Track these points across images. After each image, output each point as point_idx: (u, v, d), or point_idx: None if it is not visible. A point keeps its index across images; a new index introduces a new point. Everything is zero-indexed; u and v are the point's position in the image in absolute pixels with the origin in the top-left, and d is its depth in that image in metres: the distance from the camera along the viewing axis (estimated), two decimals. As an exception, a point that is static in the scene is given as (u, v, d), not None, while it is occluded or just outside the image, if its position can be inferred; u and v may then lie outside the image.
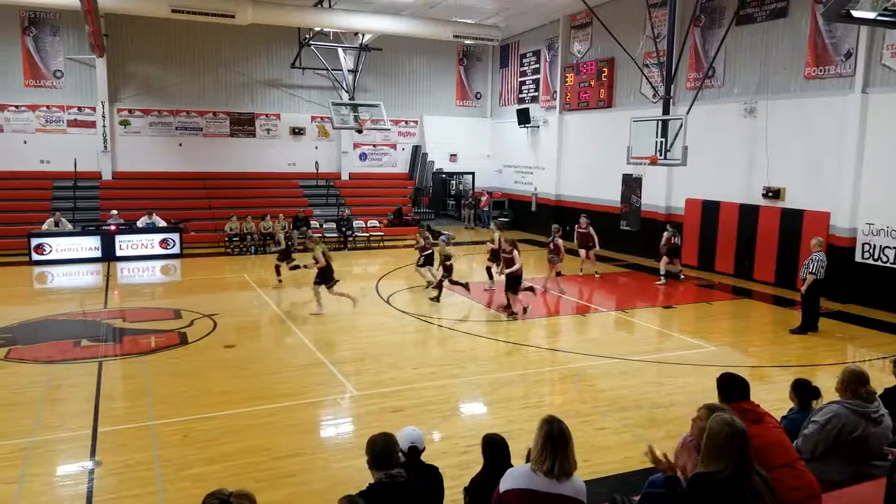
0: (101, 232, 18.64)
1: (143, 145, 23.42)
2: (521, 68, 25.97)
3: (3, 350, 10.22)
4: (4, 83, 21.63)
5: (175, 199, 22.05)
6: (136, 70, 23.30)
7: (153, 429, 7.47)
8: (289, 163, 25.41)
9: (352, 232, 21.87)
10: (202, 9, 18.77)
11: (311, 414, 8.22)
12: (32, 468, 6.60)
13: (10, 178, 21.27)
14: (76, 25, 21.16)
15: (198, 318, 12.38)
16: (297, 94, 25.41)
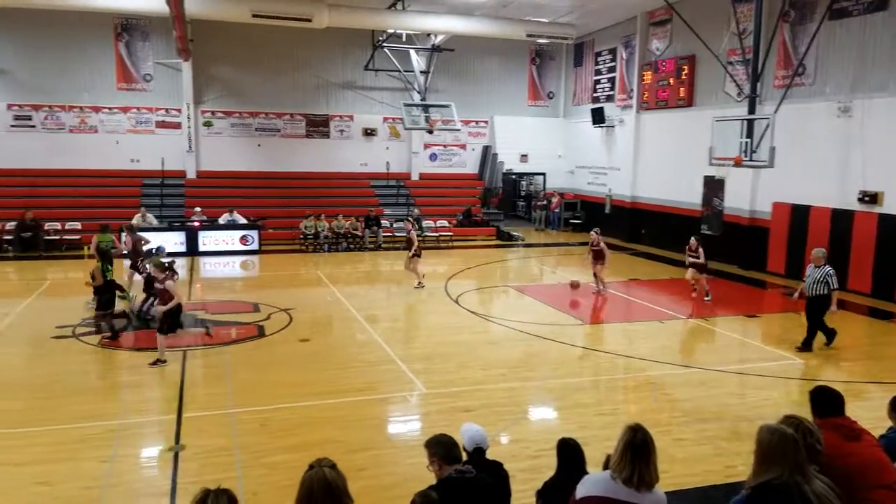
0: (186, 228, 19.58)
1: (225, 145, 24.39)
2: (596, 67, 25.58)
3: (97, 337, 10.88)
4: (99, 86, 22.97)
5: (254, 198, 22.86)
6: (219, 73, 24.29)
7: (233, 416, 7.79)
8: (361, 163, 25.89)
9: (421, 231, 22.08)
10: (281, 13, 19.40)
11: (381, 409, 8.37)
12: (122, 449, 7.01)
13: (104, 175, 22.57)
14: (164, 31, 22.27)
15: (275, 312, 12.80)
16: (369, 96, 25.87)
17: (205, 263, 18.51)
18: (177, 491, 6.11)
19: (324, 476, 3.10)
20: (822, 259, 10.64)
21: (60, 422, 7.58)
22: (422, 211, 23.30)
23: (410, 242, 15.54)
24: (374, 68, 24.84)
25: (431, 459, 4.11)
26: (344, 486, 3.14)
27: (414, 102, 24.59)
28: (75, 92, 22.73)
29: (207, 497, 2.99)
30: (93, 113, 23.03)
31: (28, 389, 8.68)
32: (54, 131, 22.70)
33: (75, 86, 22.71)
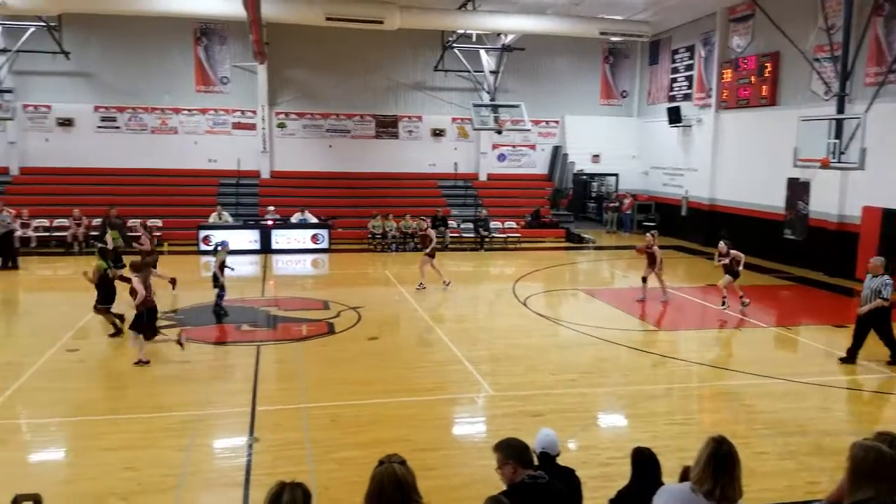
0: (260, 226, 20.27)
1: (298, 146, 25.07)
2: (673, 65, 24.95)
3: (176, 330, 11.38)
4: (179, 89, 24.03)
5: (325, 198, 23.41)
6: (293, 76, 25.00)
7: (305, 411, 8.02)
8: (429, 163, 26.11)
9: (489, 233, 22.10)
10: (354, 16, 19.80)
11: (449, 410, 8.44)
12: (198, 439, 7.32)
13: (183, 175, 23.61)
14: (241, 35, 23.07)
15: (344, 309, 13.09)
16: (438, 97, 26.06)
17: (277, 261, 19.09)
18: (250, 482, 6.34)
19: (394, 472, 3.16)
20: (880, 268, 10.00)
21: (143, 410, 7.99)
22: (489, 212, 23.29)
23: (427, 240, 15.43)
24: (444, 69, 25.01)
25: (503, 462, 4.11)
26: (413, 483, 3.19)
27: (483, 103, 24.62)
28: (157, 94, 23.85)
29: (283, 490, 3.09)
30: (173, 114, 24.11)
31: (113, 379, 9.19)
32: (137, 132, 23.89)
33: (157, 88, 23.82)
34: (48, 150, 23.07)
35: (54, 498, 4.41)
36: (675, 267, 18.74)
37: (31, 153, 23.06)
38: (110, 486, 6.20)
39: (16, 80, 22.36)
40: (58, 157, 22.98)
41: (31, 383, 8.88)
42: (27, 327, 11.92)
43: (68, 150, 23.05)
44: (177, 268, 17.78)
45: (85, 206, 20.20)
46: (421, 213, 22.00)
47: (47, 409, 8.15)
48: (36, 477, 6.58)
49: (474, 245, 21.83)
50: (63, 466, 6.89)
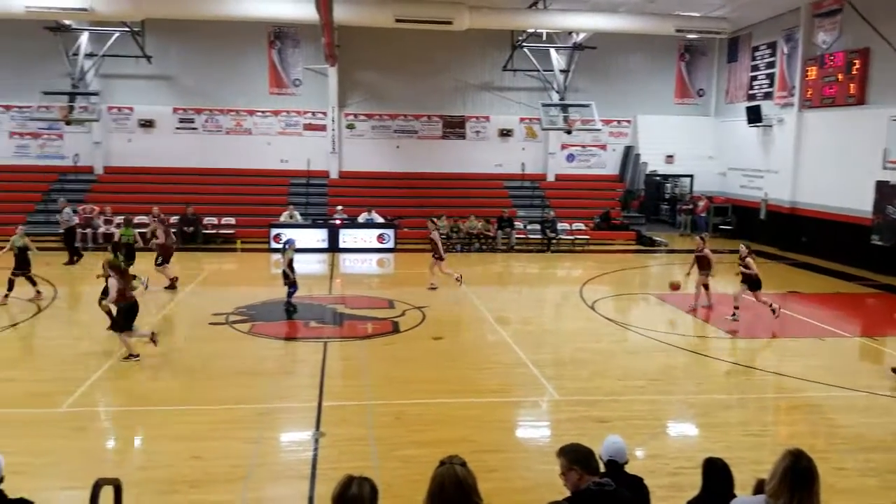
0: (328, 225, 20.73)
1: (366, 147, 25.49)
2: (753, 62, 24.06)
3: (248, 325, 11.80)
4: (253, 91, 24.84)
5: (391, 197, 23.71)
6: (362, 77, 25.44)
7: (370, 408, 8.14)
8: (495, 164, 26.05)
9: (556, 234, 21.87)
10: (423, 17, 19.99)
11: (513, 413, 8.40)
12: (267, 431, 7.55)
13: (256, 174, 24.39)
14: (313, 38, 23.63)
15: (409, 309, 13.22)
16: (506, 97, 25.98)
17: (344, 260, 19.46)
18: (316, 476, 6.48)
19: (455, 473, 3.17)
20: None
21: (214, 402, 8.30)
22: (557, 213, 23.05)
23: (434, 244, 15.27)
24: (513, 68, 24.92)
25: (568, 468, 4.04)
26: (474, 485, 3.19)
27: (552, 102, 24.40)
28: (232, 96, 24.72)
29: (351, 483, 3.14)
30: (247, 116, 24.94)
31: (187, 370, 9.57)
32: (213, 133, 24.83)
33: (233, 91, 24.69)
34: (130, 150, 24.27)
35: (129, 483, 4.63)
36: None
37: (114, 153, 24.32)
38: (181, 474, 6.45)
39: (101, 83, 23.62)
40: (139, 156, 24.15)
41: (109, 373, 9.36)
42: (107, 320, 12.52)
43: (149, 150, 24.18)
44: (249, 265, 18.50)
45: (163, 203, 21.05)
46: (487, 214, 22.07)
47: (123, 398, 8.59)
48: (112, 462, 6.93)
49: (541, 247, 21.65)
50: (137, 453, 7.24)
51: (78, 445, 7.15)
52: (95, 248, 19.86)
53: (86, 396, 8.50)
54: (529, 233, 22.47)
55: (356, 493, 3.09)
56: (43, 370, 9.43)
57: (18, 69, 23.33)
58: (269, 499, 6.30)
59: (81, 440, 7.30)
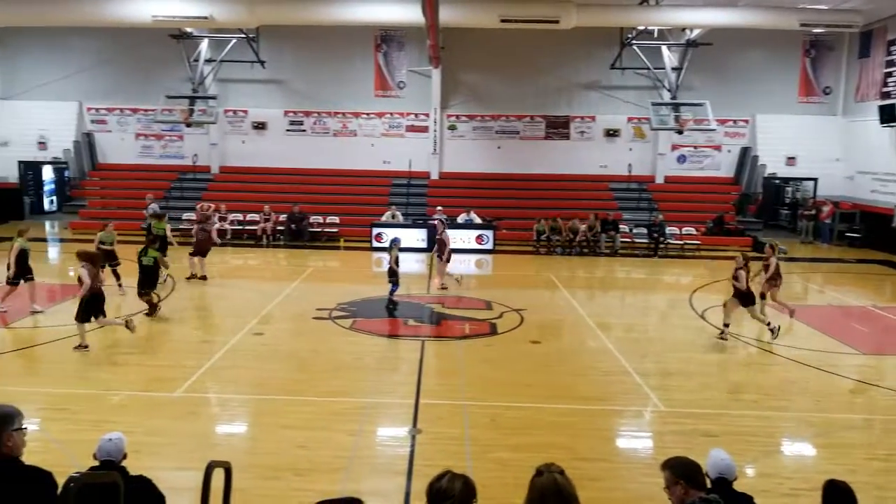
0: (428, 225, 21.05)
1: (467, 148, 25.73)
2: (888, 57, 22.33)
3: (349, 321, 12.21)
4: (359, 94, 25.64)
5: (491, 198, 23.79)
6: (465, 78, 25.70)
7: (465, 408, 8.21)
8: (600, 165, 25.58)
9: (664, 239, 21.18)
10: (529, 16, 19.89)
11: (613, 422, 8.22)
12: (367, 425, 7.79)
13: (359, 175, 25.18)
14: (418, 41, 24.14)
15: (507, 311, 13.22)
16: (613, 96, 25.45)
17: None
18: (413, 472, 6.62)
19: (555, 482, 3.15)
20: None
21: (318, 394, 8.64)
22: (666, 217, 22.32)
23: (443, 245, 15.06)
24: (621, 66, 24.38)
25: (673, 482, 3.93)
26: (575, 495, 3.16)
27: (663, 101, 23.66)
28: (339, 99, 25.63)
29: (444, 476, 3.20)
30: (353, 118, 25.79)
31: (293, 362, 10.02)
32: (320, 135, 25.85)
33: (340, 94, 25.60)
34: (243, 151, 25.72)
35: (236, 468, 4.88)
36: (881, 284, 16.84)
37: (229, 154, 25.83)
38: (286, 462, 6.77)
39: (218, 88, 25.12)
40: (251, 157, 25.55)
41: (221, 362, 9.94)
42: (220, 311, 13.35)
43: (260, 151, 25.53)
44: (351, 263, 19.11)
45: (273, 202, 22.23)
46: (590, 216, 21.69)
47: (233, 385, 9.09)
48: (222, 447, 7.35)
49: (647, 251, 21.05)
50: (245, 439, 7.64)
51: (190, 428, 7.65)
52: (210, 243, 21.18)
53: (199, 383, 9.08)
54: (635, 237, 21.90)
55: (445, 488, 3.14)
56: (161, 357, 10.15)
57: (144, 75, 25.29)
58: (368, 491, 6.48)
59: (194, 424, 7.81)
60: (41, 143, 25.43)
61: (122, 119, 25.96)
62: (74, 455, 6.42)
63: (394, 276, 13.21)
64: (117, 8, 19.17)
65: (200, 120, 23.25)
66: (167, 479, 4.66)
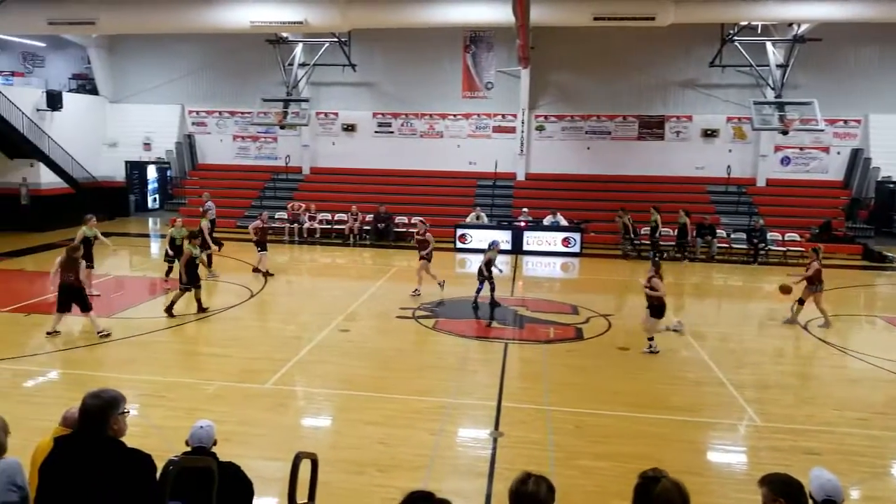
0: (513, 227, 20.99)
1: (555, 149, 25.48)
2: None
3: (431, 321, 12.35)
4: (447, 96, 25.88)
5: (578, 201, 23.45)
6: (554, 78, 25.45)
7: (548, 413, 8.14)
8: (696, 166, 24.74)
9: (765, 245, 20.23)
10: (623, 14, 19.47)
11: (705, 434, 7.94)
12: (448, 425, 7.84)
13: (445, 176, 25.41)
14: (507, 41, 24.10)
15: (594, 316, 13.00)
16: (712, 94, 24.56)
17: (527, 262, 19.57)
18: (494, 474, 6.62)
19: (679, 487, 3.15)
20: None
21: (400, 392, 8.78)
22: (767, 221, 21.32)
23: (425, 244, 14.72)
24: (721, 64, 23.48)
25: (772, 499, 3.74)
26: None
27: (767, 100, 22.60)
28: (427, 101, 25.95)
29: (529, 479, 3.19)
30: (440, 120, 26.05)
31: (377, 360, 10.22)
32: (408, 136, 26.26)
33: (428, 96, 25.92)
34: (333, 152, 26.48)
35: (321, 461, 5.05)
36: None
37: (319, 155, 26.66)
38: (369, 457, 6.92)
39: (311, 91, 25.96)
40: (341, 158, 26.28)
41: (308, 357, 10.27)
42: (308, 307, 13.76)
43: (349, 152, 26.21)
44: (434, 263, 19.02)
45: (361, 203, 22.78)
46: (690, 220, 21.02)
47: (320, 380, 9.37)
48: (308, 439, 7.60)
49: (746, 258, 20.17)
50: (330, 433, 7.86)
51: (278, 420, 7.95)
52: (301, 241, 21.94)
53: (288, 376, 9.42)
54: (733, 242, 21.03)
55: (533, 491, 3.14)
56: (253, 349, 10.58)
57: (242, 79, 26.53)
58: (449, 491, 6.47)
59: (282, 415, 8.11)
60: (146, 144, 27.10)
61: (221, 121, 27.29)
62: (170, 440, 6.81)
63: (482, 275, 13.32)
64: (218, 15, 20.20)
65: (294, 122, 24.10)
66: (255, 468, 4.86)
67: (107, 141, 27.18)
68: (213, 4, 20.31)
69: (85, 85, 27.85)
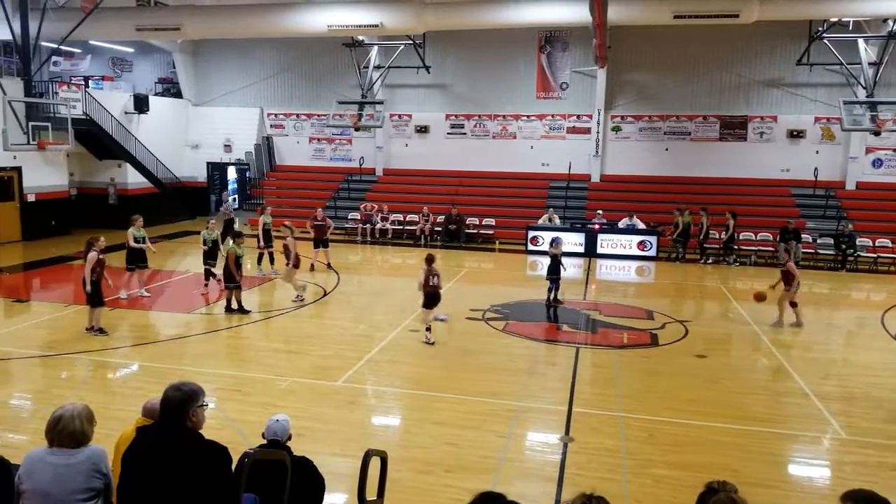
0: (586, 230, 20.68)
1: (631, 150, 24.97)
2: None
3: (501, 323, 12.32)
4: (521, 96, 25.74)
5: (655, 203, 22.86)
6: (632, 78, 24.94)
7: (621, 420, 7.99)
8: (781, 168, 23.75)
9: (854, 251, 19.22)
10: (705, 12, 18.91)
11: (785, 446, 7.64)
12: (517, 428, 7.82)
13: (517, 177, 25.29)
14: (583, 41, 23.80)
15: (669, 321, 12.67)
16: (799, 94, 23.53)
17: (601, 265, 19.26)
18: (564, 480, 6.55)
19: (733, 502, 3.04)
20: None
21: (469, 393, 8.80)
22: (856, 227, 20.26)
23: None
24: (809, 62, 22.47)
25: None
26: None
27: (858, 100, 21.49)
28: (501, 102, 25.89)
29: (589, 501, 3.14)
30: (513, 121, 25.94)
31: (446, 360, 10.29)
32: (480, 137, 26.27)
33: (501, 97, 25.86)
34: (406, 154, 26.78)
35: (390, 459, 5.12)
36: None
37: (392, 156, 27.01)
38: (437, 457, 6.97)
39: (386, 93, 26.34)
40: (413, 159, 26.54)
41: (379, 355, 10.44)
42: (379, 306, 13.97)
43: (422, 153, 26.44)
44: (505, 265, 19.23)
45: (432, 204, 22.94)
46: (768, 224, 20.27)
47: (389, 379, 9.50)
48: (377, 437, 7.71)
49: (833, 264, 19.22)
50: (399, 432, 7.96)
51: (349, 417, 8.11)
52: (373, 242, 22.30)
53: (358, 374, 9.60)
54: (819, 248, 20.09)
55: None
56: (325, 347, 10.83)
57: (318, 82, 27.21)
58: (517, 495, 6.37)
59: (352, 413, 8.27)
60: (227, 146, 28.13)
61: (298, 124, 28.03)
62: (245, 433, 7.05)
63: (552, 274, 13.44)
64: (297, 19, 20.80)
65: (368, 124, 24.51)
66: (325, 464, 4.96)
67: (189, 143, 28.36)
68: (292, 10, 20.92)
69: (170, 88, 29.15)
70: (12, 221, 20.80)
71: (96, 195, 24.27)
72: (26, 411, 8.35)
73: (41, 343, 10.83)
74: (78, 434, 3.71)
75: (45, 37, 20.50)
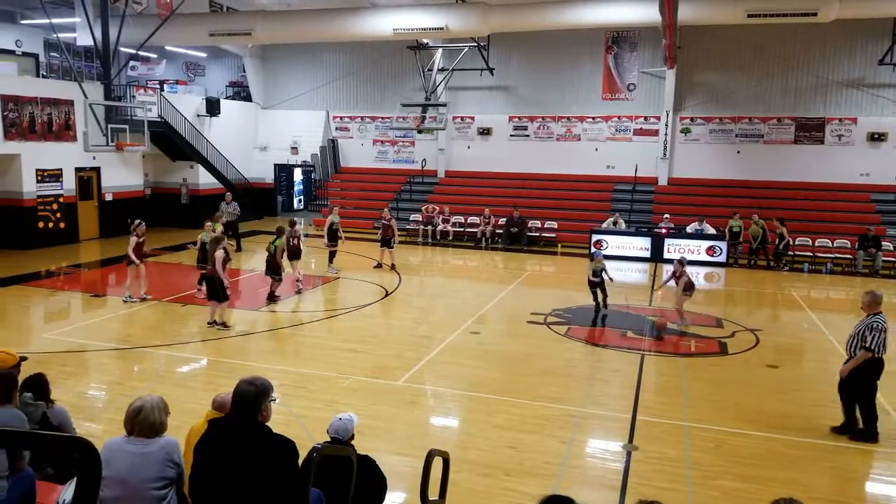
0: (653, 234, 20.30)
1: (701, 153, 24.37)
2: None
3: (564, 328, 12.23)
4: (586, 98, 25.48)
5: (727, 207, 22.20)
6: (702, 79, 24.35)
7: (686, 430, 7.83)
8: (861, 173, 22.76)
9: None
10: (781, 10, 18.32)
11: (861, 462, 7.34)
12: (579, 434, 7.76)
13: (581, 180, 25.03)
14: (651, 41, 23.41)
15: (740, 330, 12.32)
16: (881, 95, 22.51)
17: (667, 271, 18.80)
18: (627, 488, 6.47)
19: None
20: (873, 304, 7.61)
21: (530, 397, 8.78)
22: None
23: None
24: (892, 62, 21.49)
25: None
26: None
27: (946, 99, 20.43)
28: (565, 104, 25.70)
29: None
30: (578, 122, 25.69)
31: (507, 363, 10.29)
32: (544, 139, 26.12)
33: (566, 98, 25.67)
34: (468, 156, 26.87)
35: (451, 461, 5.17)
36: None
37: (454, 158, 27.14)
38: (497, 461, 6.99)
39: (449, 95, 26.50)
40: (475, 161, 26.60)
41: (439, 356, 10.52)
42: (440, 308, 14.07)
43: (484, 156, 26.48)
44: (568, 269, 19.07)
45: (494, 206, 22.95)
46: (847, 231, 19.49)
47: (449, 381, 9.56)
48: (436, 437, 7.78)
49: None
50: (458, 434, 8.01)
51: (409, 417, 8.21)
52: (434, 243, 22.45)
53: (419, 374, 9.71)
54: (902, 256, 19.16)
55: None
56: (386, 347, 10.99)
57: (382, 85, 27.62)
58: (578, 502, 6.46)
59: (412, 413, 8.37)
60: (293, 148, 28.85)
61: (362, 126, 28.50)
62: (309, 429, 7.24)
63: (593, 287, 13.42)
64: (363, 23, 21.19)
65: (431, 127, 24.71)
66: (385, 462, 5.06)
67: (258, 145, 29.22)
68: (358, 14, 21.31)
69: (240, 92, 30.11)
70: (91, 219, 21.86)
71: (169, 195, 25.26)
72: (101, 401, 8.78)
73: (116, 336, 11.37)
74: (157, 425, 3.90)
75: (123, 43, 21.46)
